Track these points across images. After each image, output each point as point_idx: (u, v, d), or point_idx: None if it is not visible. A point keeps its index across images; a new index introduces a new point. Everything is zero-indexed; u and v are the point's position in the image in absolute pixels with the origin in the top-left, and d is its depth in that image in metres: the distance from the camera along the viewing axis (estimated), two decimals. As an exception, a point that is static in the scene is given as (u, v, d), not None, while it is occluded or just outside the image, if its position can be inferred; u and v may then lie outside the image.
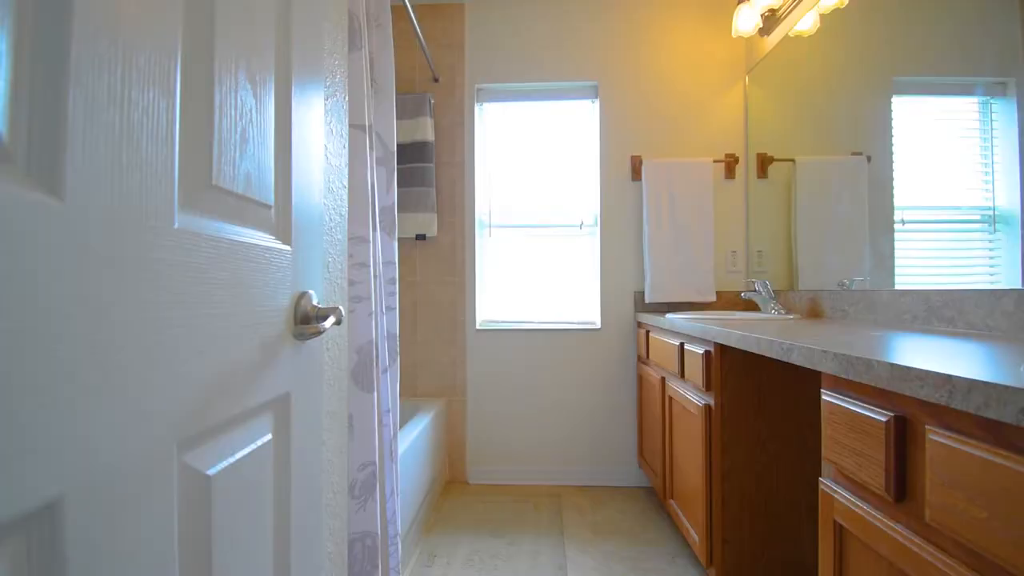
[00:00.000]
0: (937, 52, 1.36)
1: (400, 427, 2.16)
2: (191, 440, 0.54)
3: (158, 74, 0.49)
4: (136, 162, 0.46)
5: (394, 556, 1.27)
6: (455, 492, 2.36)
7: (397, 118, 2.35)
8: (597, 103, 2.52)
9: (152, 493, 0.47)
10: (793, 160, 2.10)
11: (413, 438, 1.82)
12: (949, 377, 0.62)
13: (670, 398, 1.89)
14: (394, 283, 1.32)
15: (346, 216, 0.97)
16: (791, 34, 2.07)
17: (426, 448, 2.03)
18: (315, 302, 0.74)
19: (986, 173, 1.21)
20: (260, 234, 0.66)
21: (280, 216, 0.70)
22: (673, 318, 1.95)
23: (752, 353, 1.44)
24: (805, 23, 1.97)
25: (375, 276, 1.16)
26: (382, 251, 1.27)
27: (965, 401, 0.60)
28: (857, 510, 0.81)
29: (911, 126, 1.46)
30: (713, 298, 2.38)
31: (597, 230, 2.52)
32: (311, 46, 0.80)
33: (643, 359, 2.33)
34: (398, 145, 2.35)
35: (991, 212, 1.20)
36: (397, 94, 2.39)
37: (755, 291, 2.07)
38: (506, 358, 2.50)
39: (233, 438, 0.62)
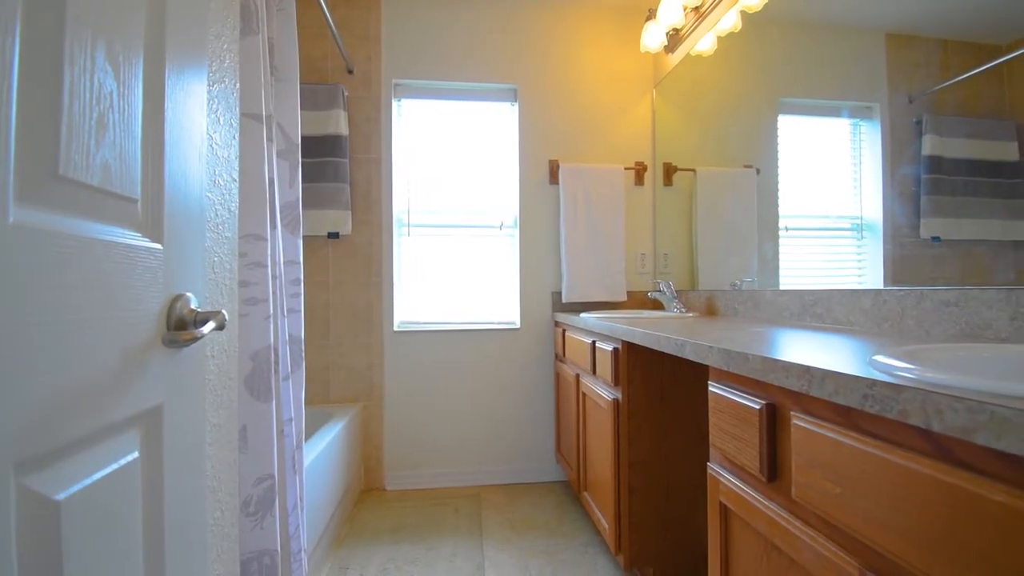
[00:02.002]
0: (816, 77, 1.51)
1: (309, 436, 2.05)
2: (33, 462, 0.48)
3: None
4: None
5: (298, 572, 1.20)
6: (371, 500, 2.28)
7: (307, 109, 2.23)
8: (516, 106, 2.55)
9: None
10: (694, 170, 2.26)
11: (323, 447, 1.73)
12: (808, 368, 0.69)
13: (584, 394, 1.95)
14: (298, 284, 1.25)
15: (236, 212, 0.90)
16: (692, 53, 2.22)
17: (338, 456, 1.94)
18: (193, 305, 0.68)
19: (855, 187, 1.37)
20: (123, 231, 0.59)
21: (149, 211, 0.63)
22: (586, 317, 2.02)
23: (655, 349, 1.53)
24: (705, 43, 2.12)
25: (274, 277, 1.08)
26: (283, 250, 1.20)
27: (821, 389, 0.67)
28: (738, 491, 0.88)
29: (794, 143, 1.62)
30: (624, 298, 2.49)
31: (516, 231, 2.56)
32: (191, 27, 0.74)
33: (560, 357, 2.39)
34: (308, 138, 2.23)
35: (859, 221, 1.35)
36: (308, 84, 2.26)
37: (660, 291, 2.20)
38: (425, 360, 2.46)
39: (89, 457, 0.55)
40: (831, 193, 1.45)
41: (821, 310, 1.40)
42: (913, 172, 1.17)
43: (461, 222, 2.56)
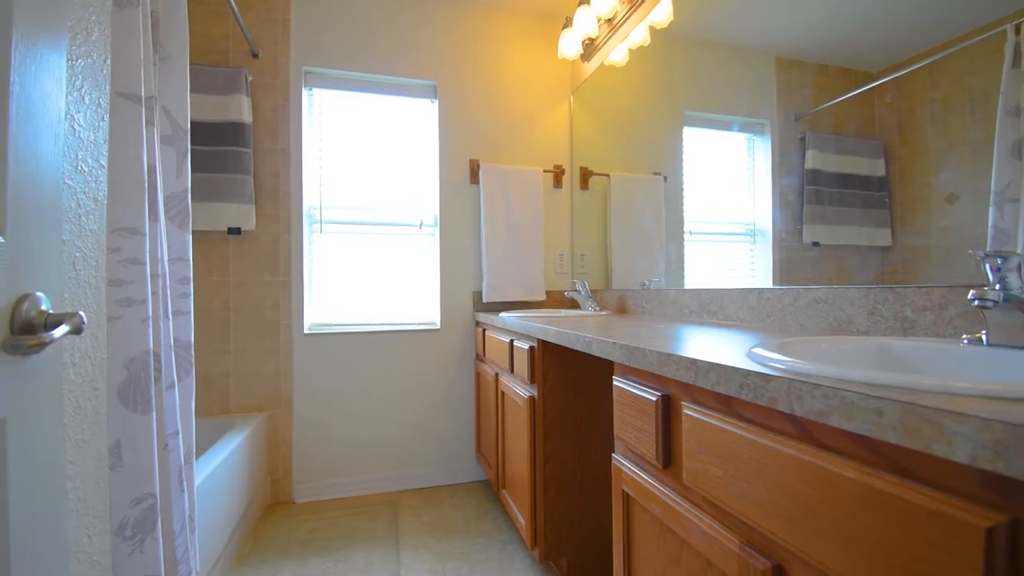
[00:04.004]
0: (717, 93, 1.62)
1: (205, 450, 1.89)
2: None
3: None
4: None
5: (187, 599, 1.10)
6: (278, 514, 2.15)
7: (204, 93, 2.06)
8: (436, 104, 2.52)
9: None
10: (608, 175, 2.35)
11: (220, 461, 1.60)
12: (694, 361, 0.74)
13: (503, 392, 1.97)
14: (187, 283, 1.14)
15: (105, 202, 0.80)
16: (607, 63, 2.32)
17: (238, 470, 1.80)
18: (44, 307, 0.60)
19: (750, 195, 1.48)
20: (-53, 219, 0.50)
21: (-16, 197, 0.54)
22: (505, 316, 2.04)
23: (568, 347, 1.57)
24: (618, 55, 2.22)
25: (155, 275, 0.98)
26: (168, 246, 1.09)
27: (705, 379, 0.73)
28: (637, 479, 0.93)
29: (697, 153, 1.73)
30: (543, 297, 2.55)
31: (437, 230, 2.52)
32: (44, -12, 0.65)
33: (481, 357, 2.40)
34: (205, 124, 2.05)
35: (752, 227, 1.47)
36: (206, 66, 2.08)
37: (576, 291, 2.28)
38: (339, 363, 2.35)
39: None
40: (729, 200, 1.57)
41: (716, 307, 1.52)
42: (797, 183, 1.30)
43: (379, 219, 2.48)
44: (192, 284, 1.15)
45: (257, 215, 2.22)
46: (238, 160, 2.09)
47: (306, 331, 2.31)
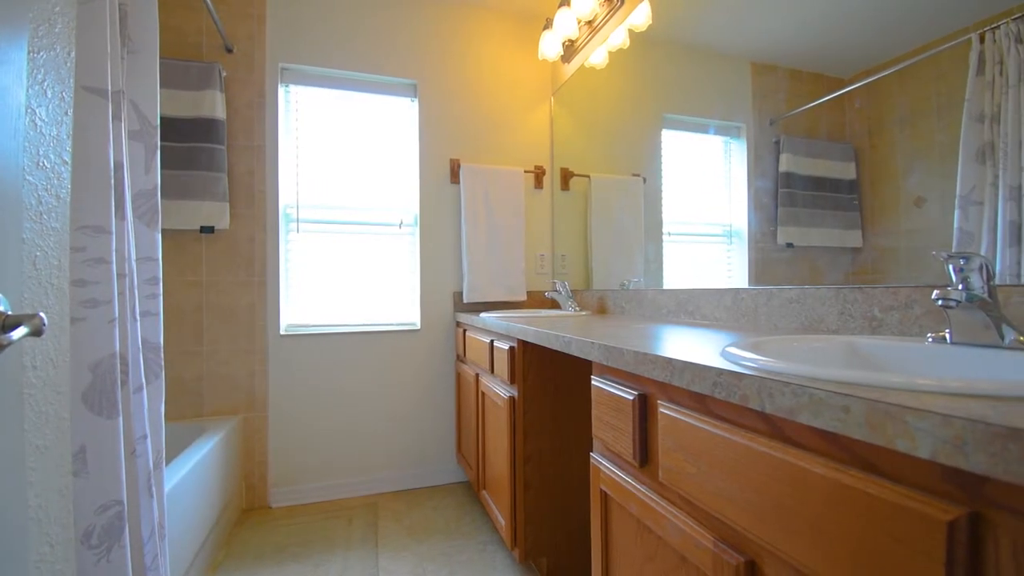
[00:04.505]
0: (695, 97, 1.64)
1: (176, 454, 1.84)
2: None
3: None
4: None
5: (157, 608, 1.07)
6: (253, 520, 2.10)
7: (176, 88, 2.00)
8: (416, 102, 2.50)
9: None
10: (589, 176, 2.37)
11: (191, 466, 1.56)
12: (670, 360, 0.75)
13: (483, 393, 1.96)
14: (156, 283, 1.11)
15: (68, 199, 0.77)
16: (587, 65, 2.33)
17: (211, 475, 1.76)
18: (2, 308, 0.57)
19: (726, 197, 1.51)
20: None
21: (-66, 192, 0.52)
22: (486, 317, 2.03)
23: (548, 347, 1.58)
24: (598, 57, 2.23)
25: (122, 275, 0.95)
26: (136, 245, 1.05)
27: (680, 378, 0.73)
28: (615, 477, 0.94)
29: (676, 155, 1.75)
30: (524, 297, 2.55)
31: (417, 230, 2.51)
32: (1, -24, 0.62)
33: (461, 357, 2.39)
34: (177, 120, 1.99)
35: (729, 228, 1.49)
36: (178, 60, 2.03)
37: (556, 291, 2.28)
38: (317, 365, 2.32)
39: None
40: (706, 202, 1.59)
41: (692, 307, 1.54)
42: (771, 186, 1.32)
43: (357, 219, 2.45)
44: (161, 284, 1.12)
45: (231, 214, 2.17)
46: (211, 157, 2.04)
47: (282, 332, 2.27)
